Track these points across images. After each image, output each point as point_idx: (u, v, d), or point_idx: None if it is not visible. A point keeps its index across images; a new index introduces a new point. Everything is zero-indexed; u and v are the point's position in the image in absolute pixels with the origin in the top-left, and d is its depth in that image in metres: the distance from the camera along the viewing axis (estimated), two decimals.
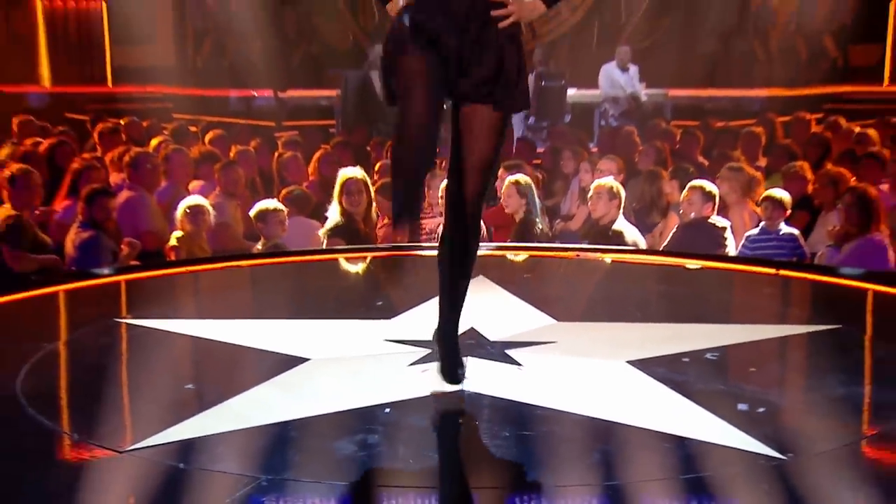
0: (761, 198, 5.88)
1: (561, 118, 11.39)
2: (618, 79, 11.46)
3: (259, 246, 5.79)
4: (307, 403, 3.07)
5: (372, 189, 6.10)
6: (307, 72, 14.29)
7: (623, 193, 5.93)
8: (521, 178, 5.99)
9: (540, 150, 9.47)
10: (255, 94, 13.70)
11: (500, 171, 6.49)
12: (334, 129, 11.81)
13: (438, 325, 3.15)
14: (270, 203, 5.88)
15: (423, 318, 3.61)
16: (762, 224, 5.74)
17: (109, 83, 13.70)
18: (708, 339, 3.72)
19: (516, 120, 10.99)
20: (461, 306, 3.16)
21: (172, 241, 5.76)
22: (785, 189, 6.11)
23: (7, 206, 5.61)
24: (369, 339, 3.72)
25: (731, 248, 5.80)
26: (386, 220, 6.22)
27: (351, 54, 14.72)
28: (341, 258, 5.37)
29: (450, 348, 3.14)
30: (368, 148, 8.79)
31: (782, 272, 4.94)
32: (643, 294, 4.78)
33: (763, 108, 12.42)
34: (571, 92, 11.96)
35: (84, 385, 3.44)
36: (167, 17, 14.59)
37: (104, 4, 13.49)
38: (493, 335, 3.72)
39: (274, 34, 14.53)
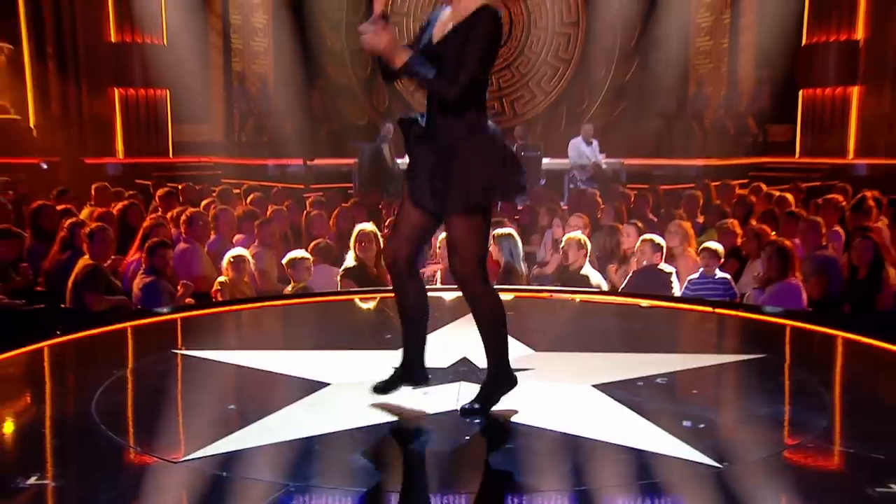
0: (700, 248, 5.87)
1: (537, 182, 11.39)
2: (583, 151, 11.44)
3: (289, 288, 5.74)
4: (328, 421, 3.05)
5: (381, 241, 6.09)
6: (330, 144, 14.37)
7: (589, 245, 5.90)
8: (506, 231, 5.98)
9: (520, 207, 9.48)
10: (289, 162, 13.72)
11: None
12: (352, 190, 11.82)
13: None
14: (298, 253, 5.83)
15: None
16: (701, 270, 5.71)
17: (171, 154, 13.70)
18: (658, 366, 3.70)
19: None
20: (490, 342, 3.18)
21: (217, 286, 5.74)
22: (718, 242, 6.08)
23: (86, 256, 5.61)
24: (380, 366, 3.65)
25: (677, 290, 5.77)
26: None
27: (366, 130, 14.82)
28: (356, 299, 5.31)
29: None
30: (380, 206, 8.78)
31: (718, 310, 4.91)
32: (605, 328, 4.75)
33: (700, 175, 12.45)
34: (546, 161, 12.02)
35: (146, 406, 3.42)
36: (218, 101, 14.72)
37: (168, 92, 13.54)
38: (482, 363, 3.65)
39: (303, 114, 14.72)
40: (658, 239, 5.87)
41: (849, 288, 5.82)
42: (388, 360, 3.70)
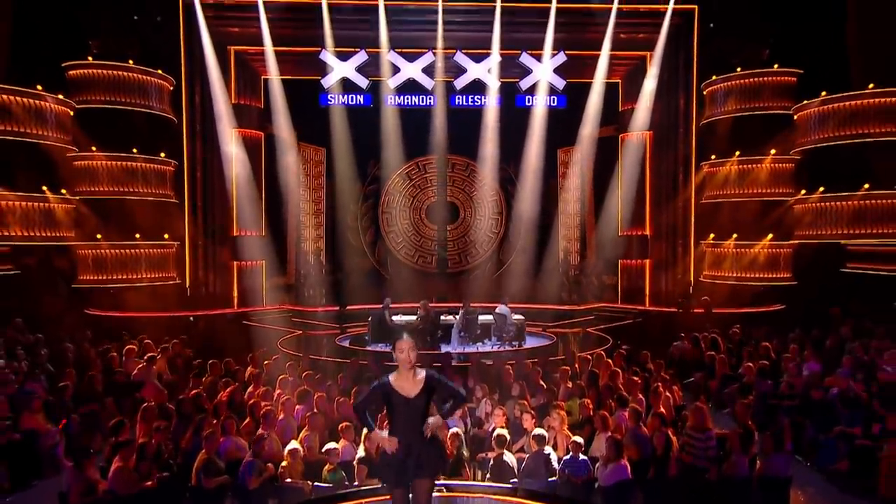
0: (570, 441, 5.46)
1: (475, 332, 10.98)
2: (504, 313, 10.99)
3: (326, 468, 5.27)
4: None
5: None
6: (355, 294, 13.73)
7: (508, 437, 5.46)
8: (456, 430, 5.58)
9: (466, 363, 8.63)
10: (330, 308, 13.24)
11: (442, 425, 5.93)
12: (367, 336, 10.89)
13: None
14: (331, 445, 5.42)
15: None
16: (570, 454, 5.36)
17: (264, 303, 13.12)
18: None
19: (453, 343, 10.67)
20: None
21: (281, 468, 5.28)
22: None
23: (203, 452, 5.19)
24: None
25: (555, 462, 5.34)
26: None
27: (371, 273, 14.50)
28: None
29: None
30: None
31: None
32: None
33: (568, 314, 12.43)
34: (482, 318, 11.40)
35: None
36: (291, 265, 14.35)
37: (264, 262, 13.14)
38: None
39: (339, 273, 14.41)
40: (543, 433, 5.51)
41: (651, 458, 5.59)
42: None
